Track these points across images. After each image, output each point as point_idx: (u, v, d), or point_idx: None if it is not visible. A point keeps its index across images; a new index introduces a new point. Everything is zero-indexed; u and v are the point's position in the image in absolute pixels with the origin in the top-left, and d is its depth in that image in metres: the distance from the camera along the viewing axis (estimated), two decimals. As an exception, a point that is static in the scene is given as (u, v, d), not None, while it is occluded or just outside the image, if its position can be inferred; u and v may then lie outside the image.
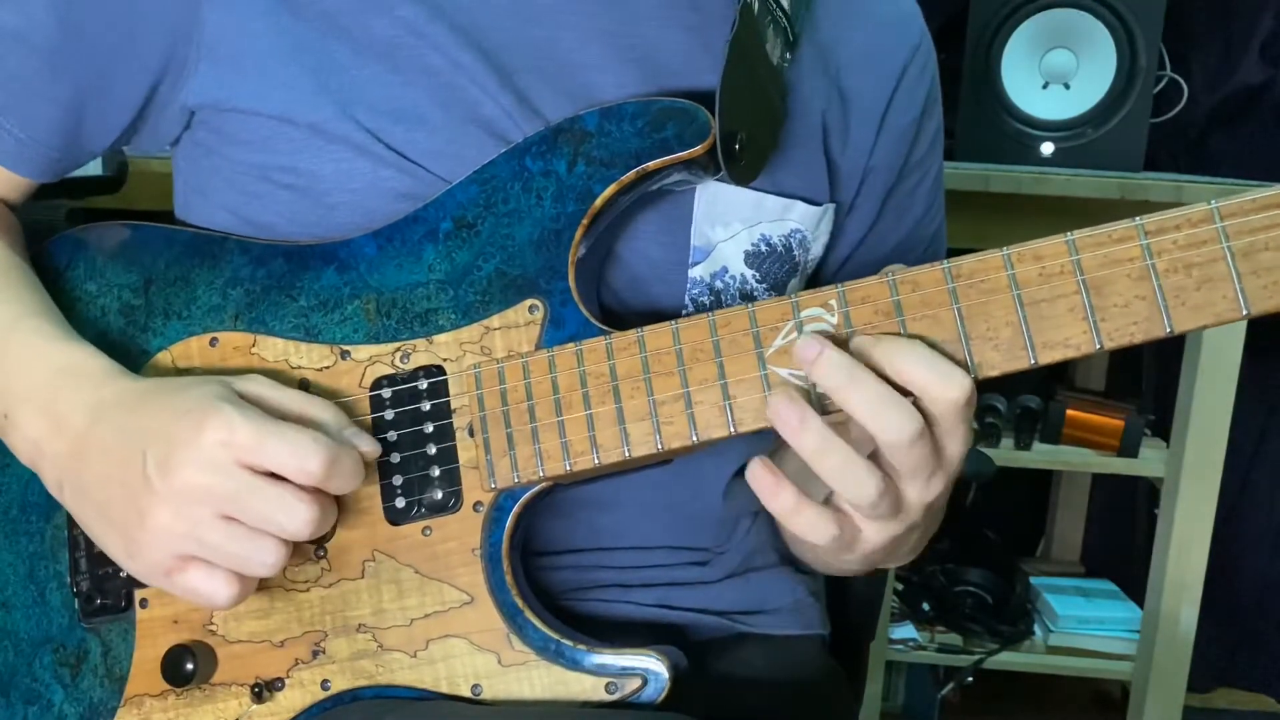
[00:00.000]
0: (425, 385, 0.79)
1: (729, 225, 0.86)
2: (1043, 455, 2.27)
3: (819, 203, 0.89)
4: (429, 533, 0.78)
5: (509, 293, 0.79)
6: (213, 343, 0.82)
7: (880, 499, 0.68)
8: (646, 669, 0.74)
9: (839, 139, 0.90)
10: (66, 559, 0.84)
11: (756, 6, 0.82)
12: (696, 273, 0.86)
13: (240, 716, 0.79)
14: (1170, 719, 2.11)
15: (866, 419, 0.67)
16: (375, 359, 0.80)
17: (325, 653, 0.79)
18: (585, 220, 0.79)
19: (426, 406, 0.79)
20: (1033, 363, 0.67)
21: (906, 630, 2.40)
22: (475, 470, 0.77)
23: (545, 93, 0.82)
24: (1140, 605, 2.27)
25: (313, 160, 0.82)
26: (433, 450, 0.78)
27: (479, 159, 0.80)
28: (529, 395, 0.76)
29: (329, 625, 0.79)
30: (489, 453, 0.77)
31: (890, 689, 2.53)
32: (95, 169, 1.51)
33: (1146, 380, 2.58)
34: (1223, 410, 1.99)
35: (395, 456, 0.79)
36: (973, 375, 0.68)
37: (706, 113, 0.78)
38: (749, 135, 0.80)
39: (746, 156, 0.80)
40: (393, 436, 0.79)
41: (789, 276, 0.89)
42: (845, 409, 0.68)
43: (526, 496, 0.77)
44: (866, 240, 0.95)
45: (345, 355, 0.80)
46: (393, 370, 0.80)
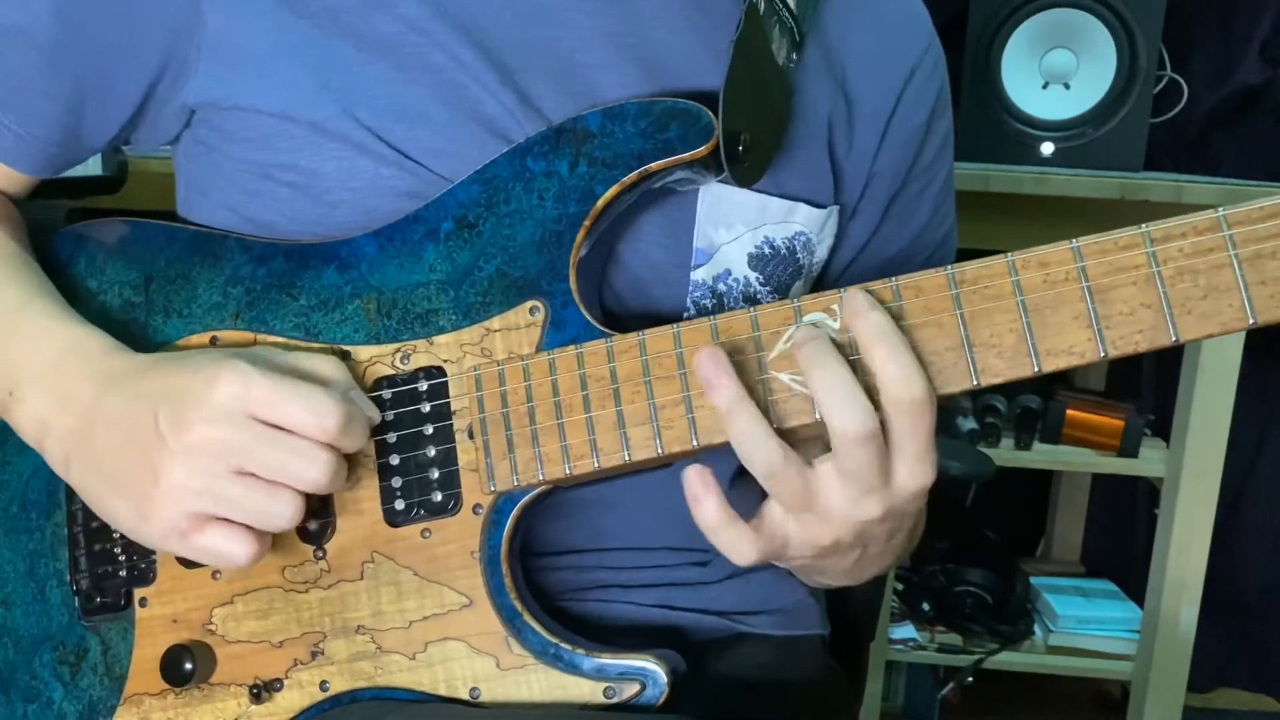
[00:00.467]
0: (425, 387, 0.79)
1: (732, 227, 0.85)
2: (1043, 455, 2.27)
3: (823, 205, 0.89)
4: (428, 535, 0.78)
5: (510, 294, 0.78)
6: (213, 341, 0.82)
7: (783, 471, 0.68)
8: (645, 673, 0.74)
9: (844, 141, 0.90)
10: (66, 556, 0.84)
11: (762, 6, 0.81)
12: (699, 275, 0.85)
13: (239, 717, 0.79)
14: (1170, 719, 2.11)
15: (822, 400, 0.68)
16: (376, 359, 0.80)
17: (324, 654, 0.79)
18: (587, 221, 0.78)
19: (426, 408, 0.78)
20: (1036, 370, 0.67)
21: (906, 630, 2.41)
22: (475, 473, 0.77)
23: (548, 92, 0.82)
24: (1140, 605, 2.27)
25: (314, 158, 0.82)
26: (432, 452, 0.78)
27: (481, 158, 0.80)
28: (529, 398, 0.76)
29: (328, 626, 0.79)
30: (488, 455, 0.76)
31: (890, 689, 2.53)
32: (95, 169, 1.50)
33: (1146, 380, 2.58)
34: (1223, 410, 1.99)
35: (395, 458, 0.79)
36: (975, 382, 0.68)
37: (710, 114, 0.77)
38: (753, 136, 0.79)
39: (750, 158, 0.80)
40: (392, 438, 0.79)
41: (793, 279, 0.89)
42: (808, 387, 0.68)
43: (526, 499, 0.77)
44: (870, 244, 0.95)
45: (345, 356, 0.80)
46: (393, 371, 0.79)
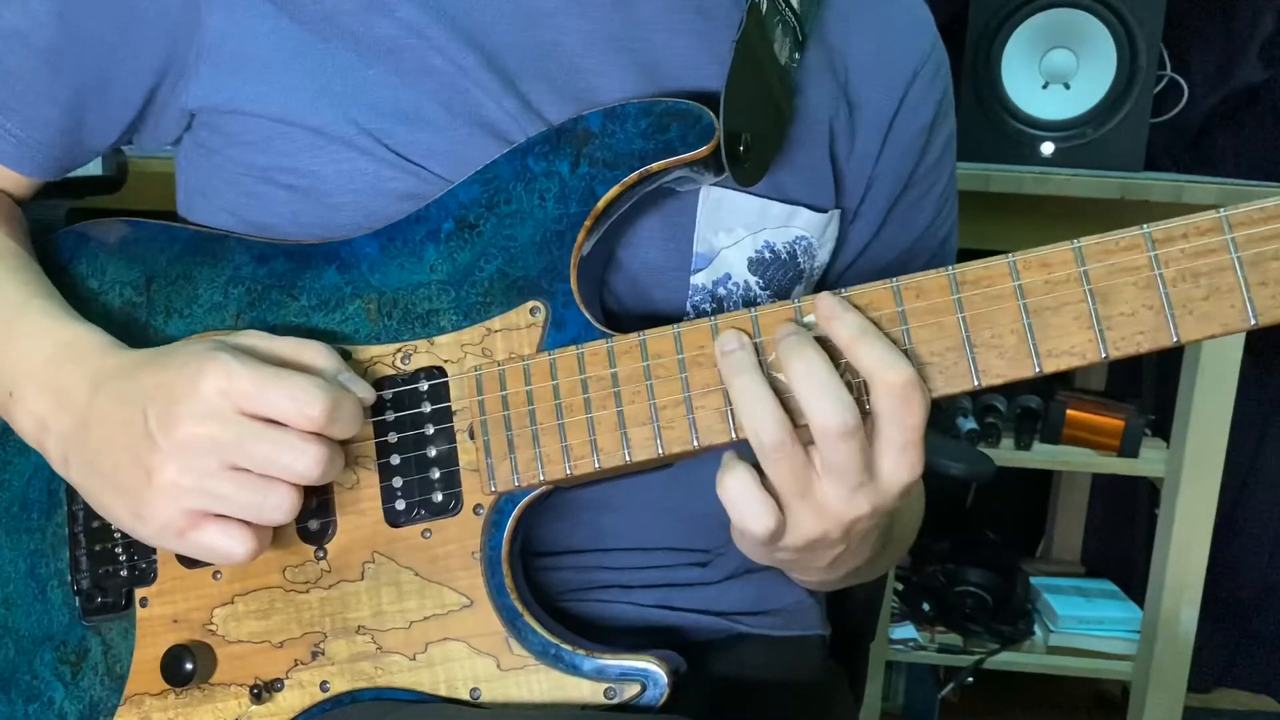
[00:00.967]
0: (426, 387, 0.79)
1: (732, 231, 0.85)
2: (1043, 455, 2.27)
3: (824, 209, 0.89)
4: (429, 535, 0.78)
5: (511, 294, 0.78)
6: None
7: (780, 446, 0.69)
8: (646, 674, 0.74)
9: (845, 144, 0.90)
10: (67, 556, 0.84)
11: (765, 5, 0.81)
12: (699, 279, 0.85)
13: (239, 717, 0.79)
14: (1170, 719, 2.11)
15: (803, 394, 0.68)
16: (376, 360, 0.80)
17: (324, 654, 0.79)
18: (588, 221, 0.78)
19: (427, 408, 0.78)
20: (1037, 371, 0.67)
21: (906, 630, 2.41)
22: (475, 473, 0.77)
23: (548, 96, 0.82)
24: (1140, 605, 2.28)
25: (314, 161, 0.82)
26: (433, 452, 0.78)
27: (482, 160, 0.80)
28: (530, 399, 0.76)
29: (328, 627, 0.79)
30: (489, 456, 0.76)
31: (890, 689, 2.53)
32: (95, 169, 1.50)
33: (1146, 380, 2.58)
34: (1223, 410, 1.99)
35: (395, 458, 0.79)
36: (976, 382, 0.68)
37: (711, 114, 0.77)
38: (754, 136, 0.79)
39: (751, 158, 0.80)
40: (393, 438, 0.79)
41: (794, 283, 0.89)
42: (788, 382, 0.69)
43: (526, 500, 0.77)
44: (871, 247, 0.94)
45: (347, 356, 0.80)
46: (394, 371, 0.79)
